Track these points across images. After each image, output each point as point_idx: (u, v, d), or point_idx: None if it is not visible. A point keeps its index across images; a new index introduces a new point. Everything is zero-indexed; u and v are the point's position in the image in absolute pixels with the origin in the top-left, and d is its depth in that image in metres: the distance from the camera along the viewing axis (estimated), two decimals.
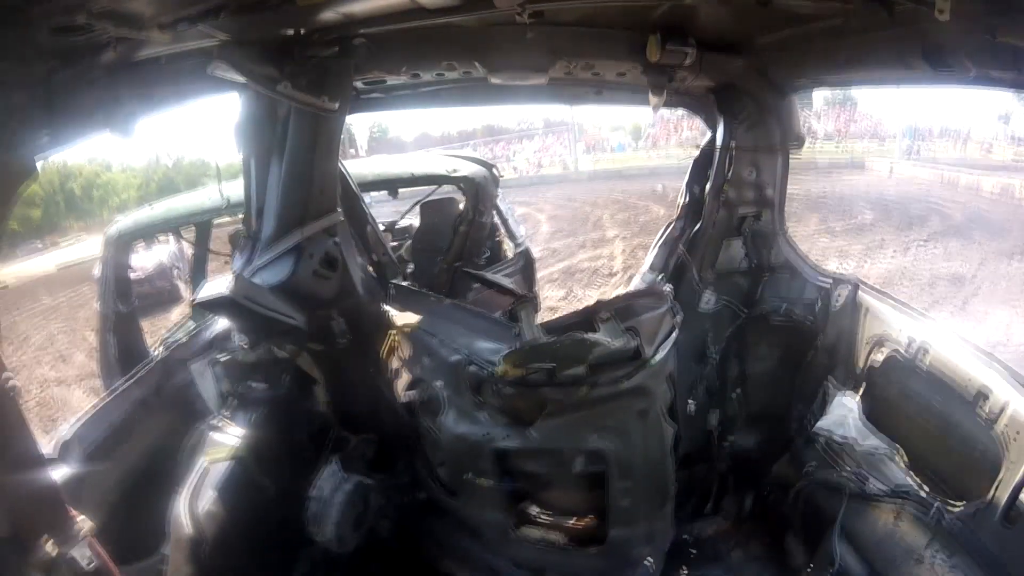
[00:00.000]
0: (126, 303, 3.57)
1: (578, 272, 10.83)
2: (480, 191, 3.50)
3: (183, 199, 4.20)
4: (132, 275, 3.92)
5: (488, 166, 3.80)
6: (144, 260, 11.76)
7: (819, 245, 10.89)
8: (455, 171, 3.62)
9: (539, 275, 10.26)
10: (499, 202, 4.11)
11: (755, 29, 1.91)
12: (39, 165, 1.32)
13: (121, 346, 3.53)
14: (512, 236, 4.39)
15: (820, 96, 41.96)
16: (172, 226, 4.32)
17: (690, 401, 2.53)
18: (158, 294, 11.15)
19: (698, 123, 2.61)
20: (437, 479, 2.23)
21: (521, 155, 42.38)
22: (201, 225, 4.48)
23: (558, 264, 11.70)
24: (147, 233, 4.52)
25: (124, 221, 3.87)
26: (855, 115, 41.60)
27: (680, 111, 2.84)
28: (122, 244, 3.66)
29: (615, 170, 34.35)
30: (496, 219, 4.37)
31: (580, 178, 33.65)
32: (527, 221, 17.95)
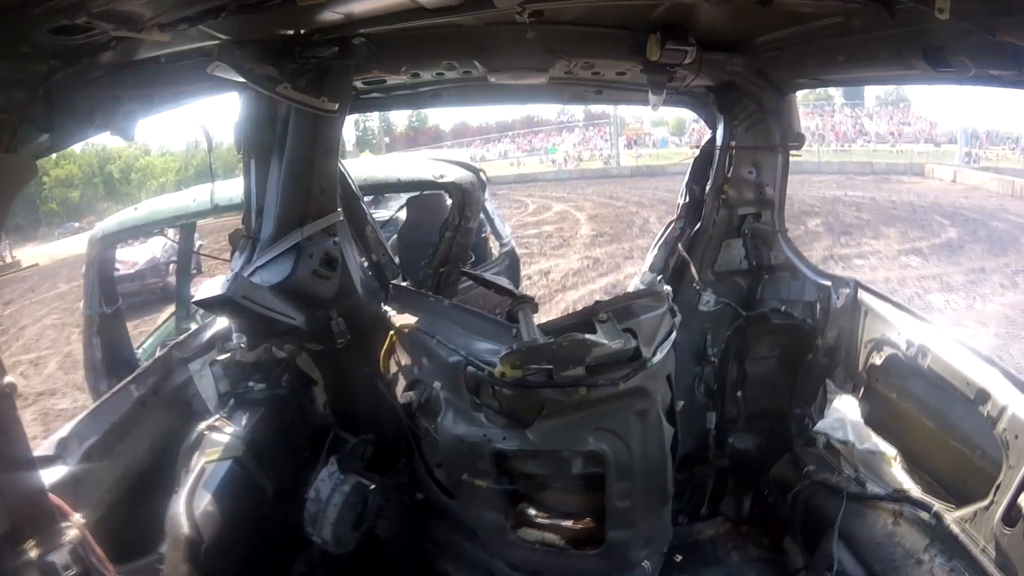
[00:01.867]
0: (111, 304, 3.54)
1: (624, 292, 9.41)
2: (467, 196, 3.50)
3: (169, 200, 4.22)
4: (123, 271, 3.90)
5: (476, 170, 3.80)
6: (136, 255, 10.68)
7: (912, 269, 9.66)
8: (442, 176, 3.62)
9: (577, 294, 9.71)
10: (485, 203, 4.12)
11: (755, 28, 1.91)
12: (39, 164, 1.33)
13: (106, 348, 3.50)
14: (498, 236, 4.41)
15: (872, 95, 41.44)
16: (157, 227, 4.31)
17: (687, 402, 2.52)
18: (149, 292, 10.16)
19: None
20: (435, 480, 2.23)
21: (561, 148, 41.24)
22: (185, 227, 4.47)
23: (600, 279, 9.80)
24: (132, 234, 4.51)
25: (108, 221, 3.85)
26: (908, 116, 40.81)
27: None
28: (107, 245, 3.64)
29: (658, 166, 32.99)
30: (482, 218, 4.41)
31: (622, 173, 32.64)
32: (565, 220, 17.24)
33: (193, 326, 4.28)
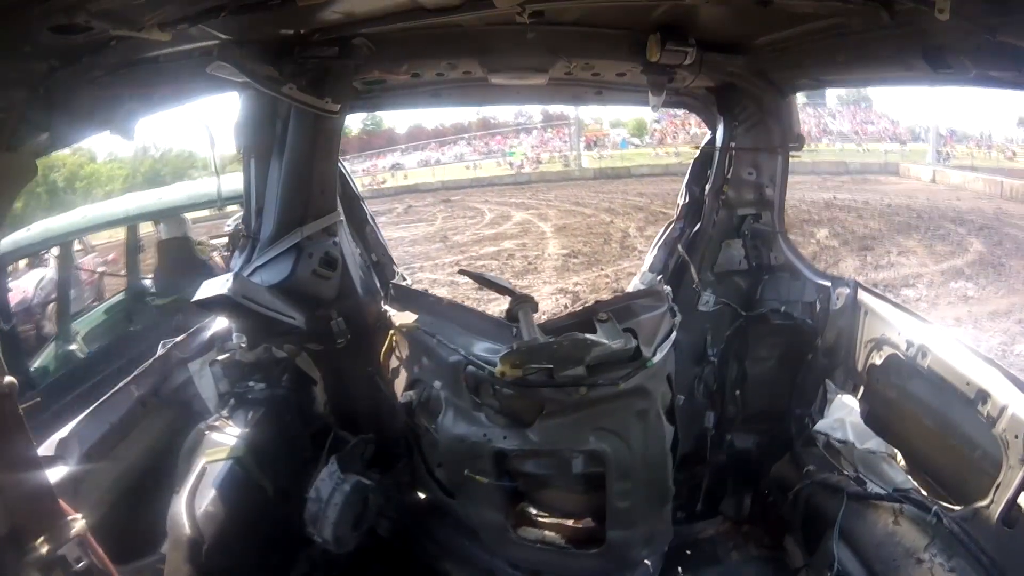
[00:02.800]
0: (7, 321, 3.58)
1: None
2: None
3: (61, 218, 4.32)
4: None
5: None
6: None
7: (974, 302, 8.27)
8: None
9: None
10: None
11: (755, 29, 1.91)
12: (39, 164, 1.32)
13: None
14: None
15: (834, 95, 42.01)
16: (51, 246, 4.38)
17: (687, 402, 2.53)
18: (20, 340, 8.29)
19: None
20: (435, 479, 2.24)
21: (519, 150, 40.36)
22: (65, 247, 4.53)
23: None
24: (25, 254, 4.59)
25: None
26: (870, 115, 41.28)
27: None
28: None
29: (622, 168, 32.00)
30: None
31: (584, 176, 31.45)
32: (528, 233, 14.58)
33: (74, 348, 4.33)
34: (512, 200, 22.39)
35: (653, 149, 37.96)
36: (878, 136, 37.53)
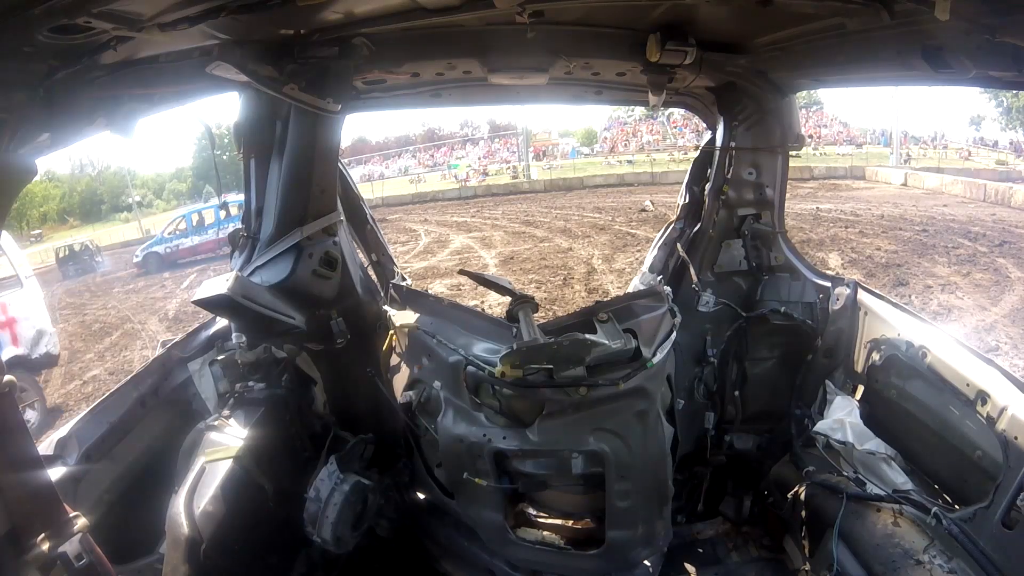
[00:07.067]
0: None
1: None
2: None
3: None
4: None
5: None
6: None
7: None
8: None
9: None
10: None
11: (755, 29, 1.91)
12: (39, 164, 1.32)
13: None
14: None
15: None
16: None
17: (687, 402, 2.52)
18: None
19: (659, 127, 2.57)
20: (435, 480, 2.23)
21: (464, 162, 38.43)
22: None
23: None
24: None
25: None
26: (823, 119, 41.60)
27: (637, 114, 2.81)
28: None
29: (574, 179, 29.72)
30: None
31: (534, 189, 29.17)
32: (466, 266, 12.16)
33: None
34: (454, 219, 19.73)
35: (604, 158, 36.60)
36: (832, 139, 37.37)
